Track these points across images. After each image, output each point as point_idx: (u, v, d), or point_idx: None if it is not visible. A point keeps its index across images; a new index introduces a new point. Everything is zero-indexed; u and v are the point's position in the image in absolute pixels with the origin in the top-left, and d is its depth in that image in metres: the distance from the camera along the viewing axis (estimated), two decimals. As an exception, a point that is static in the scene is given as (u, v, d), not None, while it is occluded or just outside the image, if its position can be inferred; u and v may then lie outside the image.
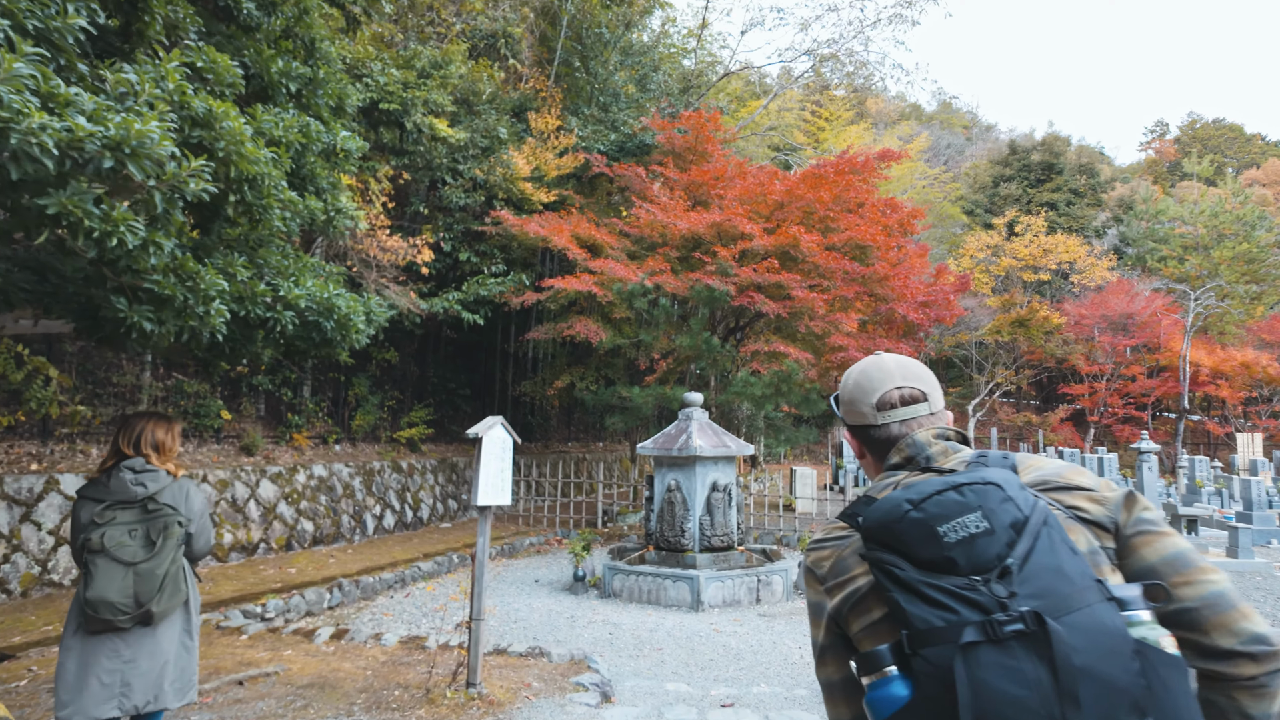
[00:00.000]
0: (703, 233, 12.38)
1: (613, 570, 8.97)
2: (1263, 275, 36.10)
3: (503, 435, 5.38)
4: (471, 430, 5.09)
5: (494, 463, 5.24)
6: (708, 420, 9.68)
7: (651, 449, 9.28)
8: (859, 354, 11.86)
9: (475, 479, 5.07)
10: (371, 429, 13.43)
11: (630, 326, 12.47)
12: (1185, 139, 79.67)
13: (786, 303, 11.51)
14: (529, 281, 12.96)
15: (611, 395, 12.25)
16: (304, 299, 3.74)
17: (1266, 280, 36.31)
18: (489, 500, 5.14)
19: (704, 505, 9.07)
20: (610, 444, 23.34)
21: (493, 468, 5.20)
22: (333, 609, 8.56)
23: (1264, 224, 37.12)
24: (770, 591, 8.75)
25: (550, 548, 13.00)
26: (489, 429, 5.17)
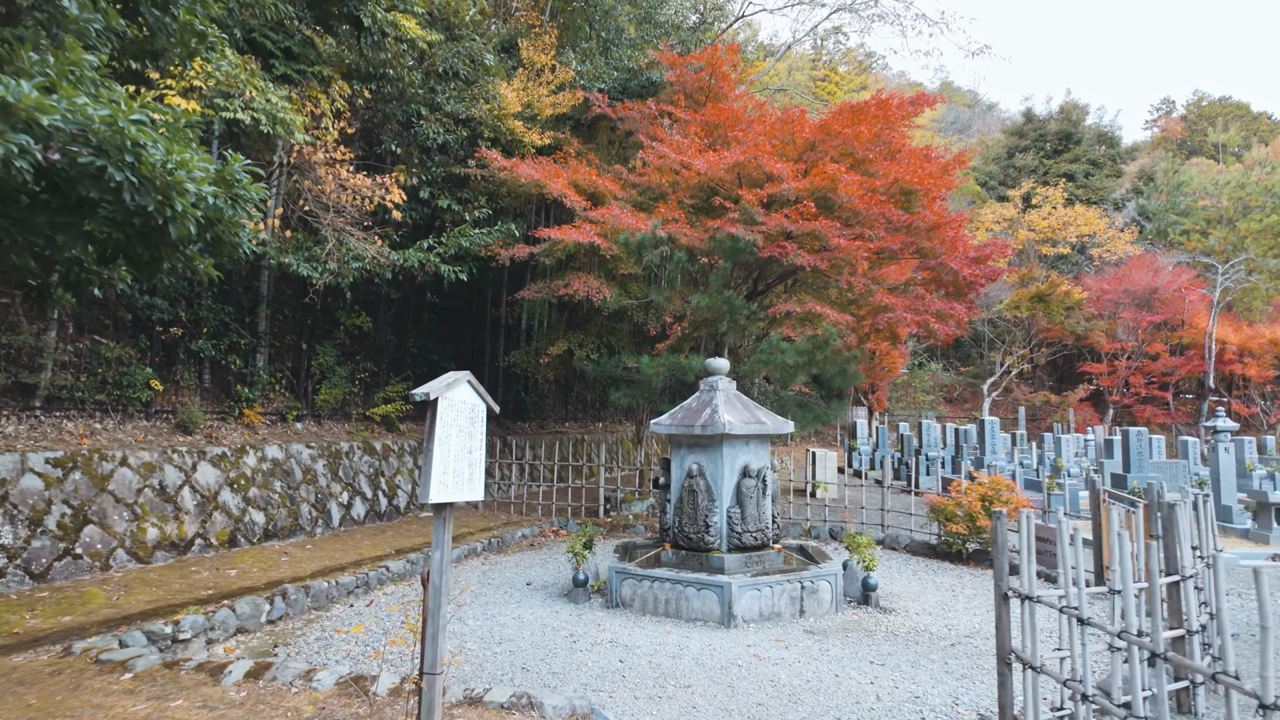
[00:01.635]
0: (722, 177, 10.60)
1: (621, 575, 7.30)
2: (1292, 249, 34.39)
3: (469, 399, 3.65)
4: (421, 390, 3.35)
5: (457, 439, 3.52)
6: (736, 392, 7.97)
7: (668, 426, 7.58)
8: (907, 315, 10.16)
9: (426, 463, 3.35)
10: (340, 405, 11.70)
11: (638, 285, 10.74)
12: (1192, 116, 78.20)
13: (824, 254, 9.77)
14: (520, 233, 11.18)
15: (616, 365, 10.53)
16: (57, 116, 1.97)
17: (1296, 254, 34.59)
18: (448, 495, 3.43)
19: (733, 494, 7.39)
20: (611, 423, 21.66)
21: (454, 446, 3.48)
22: (273, 623, 6.88)
23: (1294, 195, 35.36)
24: (816, 601, 7.09)
25: (545, 540, 11.33)
26: (448, 388, 3.44)
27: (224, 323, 10.10)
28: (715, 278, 9.63)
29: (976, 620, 7.00)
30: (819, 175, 9.90)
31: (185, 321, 9.58)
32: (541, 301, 11.92)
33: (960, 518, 9.39)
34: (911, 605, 7.54)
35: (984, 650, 6.10)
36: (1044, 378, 38.73)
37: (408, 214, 11.30)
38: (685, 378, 10.09)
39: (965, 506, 9.31)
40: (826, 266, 9.76)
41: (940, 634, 6.58)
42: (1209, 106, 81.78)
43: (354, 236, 9.29)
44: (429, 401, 3.32)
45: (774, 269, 10.93)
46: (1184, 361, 32.83)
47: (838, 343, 9.74)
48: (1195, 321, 33.11)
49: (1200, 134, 68.54)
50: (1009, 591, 3.98)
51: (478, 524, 11.63)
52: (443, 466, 3.39)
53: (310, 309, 11.60)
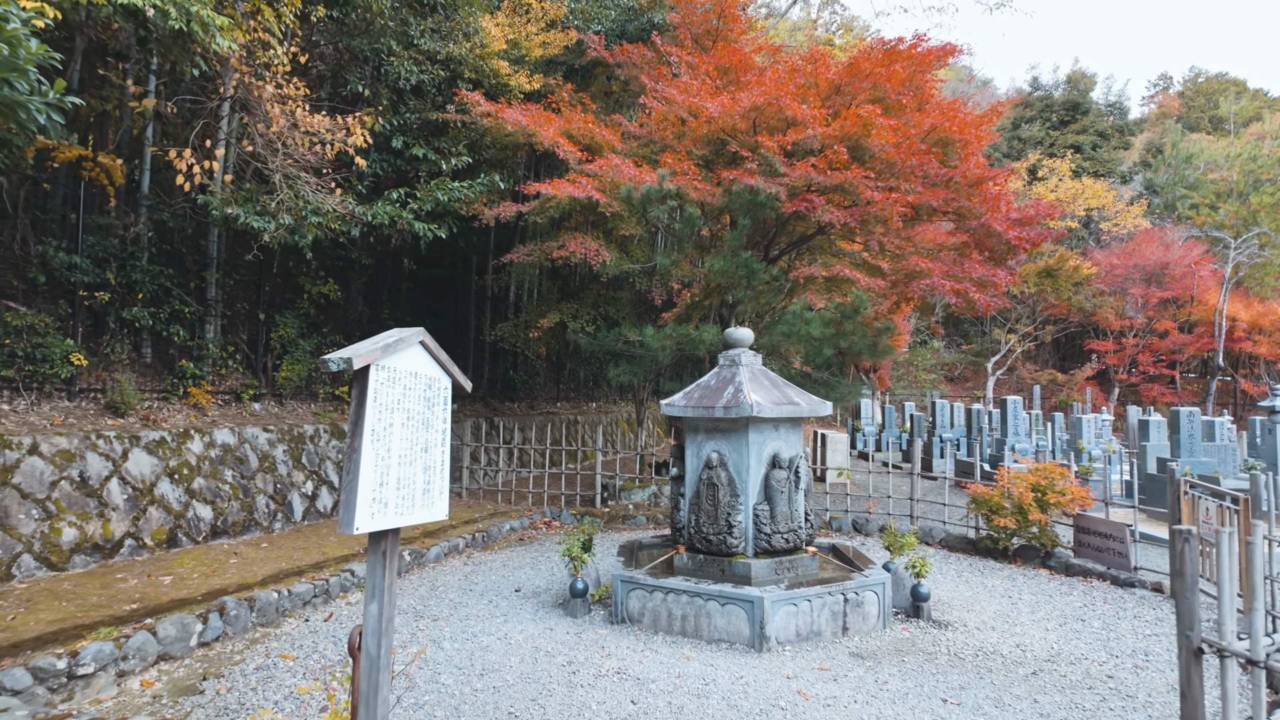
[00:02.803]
0: (736, 124, 9.29)
1: (628, 585, 6.11)
2: (1305, 223, 33.38)
3: (424, 370, 2.42)
4: (340, 355, 2.09)
5: (403, 431, 2.30)
6: (761, 367, 6.76)
7: (682, 408, 6.37)
8: (946, 283, 8.96)
9: (350, 470, 2.10)
10: (304, 383, 10.41)
11: (641, 248, 9.47)
12: (1189, 92, 77.46)
13: (855, 210, 8.52)
14: (506, 189, 9.85)
15: (615, 339, 9.29)
16: None
17: (1309, 228, 33.58)
18: (387, 518, 2.21)
19: (760, 488, 6.20)
20: (605, 404, 20.45)
21: (398, 442, 2.27)
22: (207, 646, 5.66)
23: (1307, 168, 34.32)
24: (861, 616, 5.95)
25: (536, 534, 10.16)
26: (386, 352, 2.19)
27: (164, 287, 8.77)
28: (731, 237, 8.37)
29: (1052, 638, 5.87)
30: (849, 119, 8.61)
31: (116, 285, 8.24)
32: (531, 268, 10.66)
33: (1008, 510, 8.27)
34: (968, 617, 6.42)
35: (1076, 682, 4.97)
36: (1048, 356, 37.82)
37: (377, 165, 9.95)
38: (694, 352, 8.87)
39: (1015, 498, 8.18)
40: (857, 224, 8.52)
41: (1014, 657, 5.45)
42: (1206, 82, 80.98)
43: (311, 185, 7.95)
44: (344, 369, 2.07)
45: (795, 229, 9.68)
46: (1193, 339, 31.96)
47: (868, 311, 8.53)
48: (1205, 298, 32.17)
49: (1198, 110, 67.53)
50: (1203, 645, 2.79)
51: (460, 515, 10.43)
52: (378, 474, 2.17)
53: (269, 274, 10.26)
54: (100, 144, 9.13)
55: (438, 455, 2.49)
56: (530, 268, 10.84)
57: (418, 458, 2.40)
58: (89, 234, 8.18)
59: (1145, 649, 5.62)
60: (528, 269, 11.09)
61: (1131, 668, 5.26)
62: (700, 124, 9.61)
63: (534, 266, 10.64)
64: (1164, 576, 7.40)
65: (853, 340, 8.58)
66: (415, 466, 2.37)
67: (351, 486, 2.11)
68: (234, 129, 8.73)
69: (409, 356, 2.37)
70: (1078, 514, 7.97)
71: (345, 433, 10.45)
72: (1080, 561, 7.91)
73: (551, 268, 11.23)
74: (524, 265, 10.56)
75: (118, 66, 8.15)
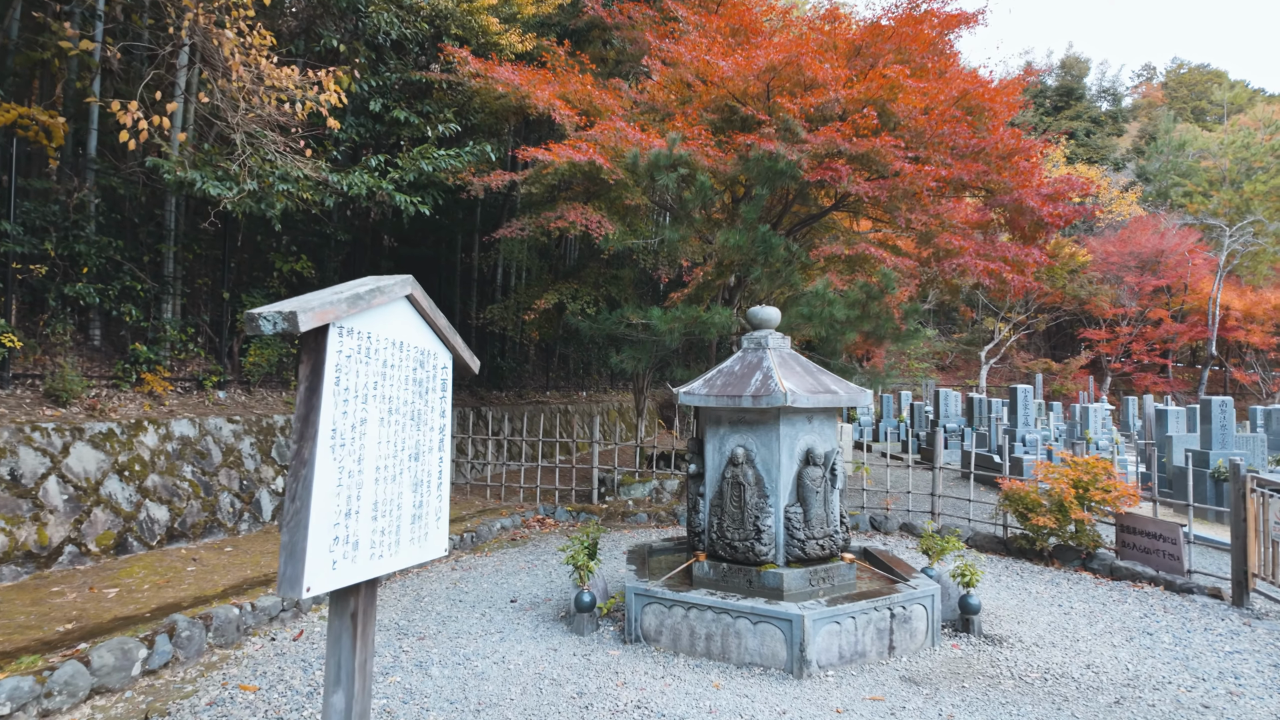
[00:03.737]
0: (750, 86, 8.50)
1: (644, 598, 5.36)
2: (1298, 212, 33.20)
3: (412, 338, 1.60)
4: (277, 309, 1.27)
5: (378, 432, 1.47)
6: (791, 351, 6.00)
7: (703, 397, 5.60)
8: (978, 262, 8.25)
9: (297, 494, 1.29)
10: (274, 370, 9.52)
11: (647, 222, 8.67)
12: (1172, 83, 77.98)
13: (883, 182, 7.77)
14: (497, 157, 8.98)
15: (618, 321, 8.50)
16: None
17: (1301, 217, 33.40)
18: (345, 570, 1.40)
19: (792, 488, 5.47)
20: (596, 392, 19.66)
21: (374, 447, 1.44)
22: (154, 674, 4.84)
23: (1301, 156, 34.14)
24: (909, 633, 5.24)
25: (530, 532, 9.38)
26: (353, 308, 1.37)
27: (113, 261, 7.83)
28: (748, 209, 7.59)
29: (1123, 656, 5.20)
30: (875, 80, 7.84)
31: (56, 258, 7.30)
32: (523, 244, 9.82)
33: (1046, 508, 7.61)
34: (1021, 631, 5.74)
35: (1168, 714, 4.30)
36: (1040, 344, 37.54)
37: (354, 130, 9.05)
38: (706, 335, 8.11)
39: (1055, 494, 7.52)
40: (885, 197, 7.79)
41: (1088, 681, 4.76)
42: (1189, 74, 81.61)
43: (279, 148, 7.05)
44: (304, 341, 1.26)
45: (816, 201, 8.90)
46: (1186, 328, 31.74)
47: (895, 292, 7.80)
48: (1198, 286, 31.94)
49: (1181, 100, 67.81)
50: None
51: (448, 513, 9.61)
52: (342, 499, 1.38)
53: (234, 249, 9.33)
54: (46, 98, 8.14)
55: (434, 464, 1.71)
56: (521, 245, 10.00)
57: (404, 469, 1.62)
58: (24, 199, 7.23)
59: (1233, 670, 4.96)
60: (518, 247, 10.24)
61: (1225, 694, 4.59)
62: (709, 88, 8.81)
63: (525, 245, 9.80)
64: (1221, 581, 6.78)
65: (878, 324, 7.85)
66: (401, 482, 1.59)
67: (299, 522, 1.33)
68: (193, 83, 7.79)
69: (390, 318, 1.59)
70: (1126, 512, 7.33)
71: (320, 424, 9.60)
72: (1126, 564, 7.27)
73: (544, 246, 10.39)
74: (514, 243, 9.72)
75: (55, 7, 7.18)
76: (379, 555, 1.55)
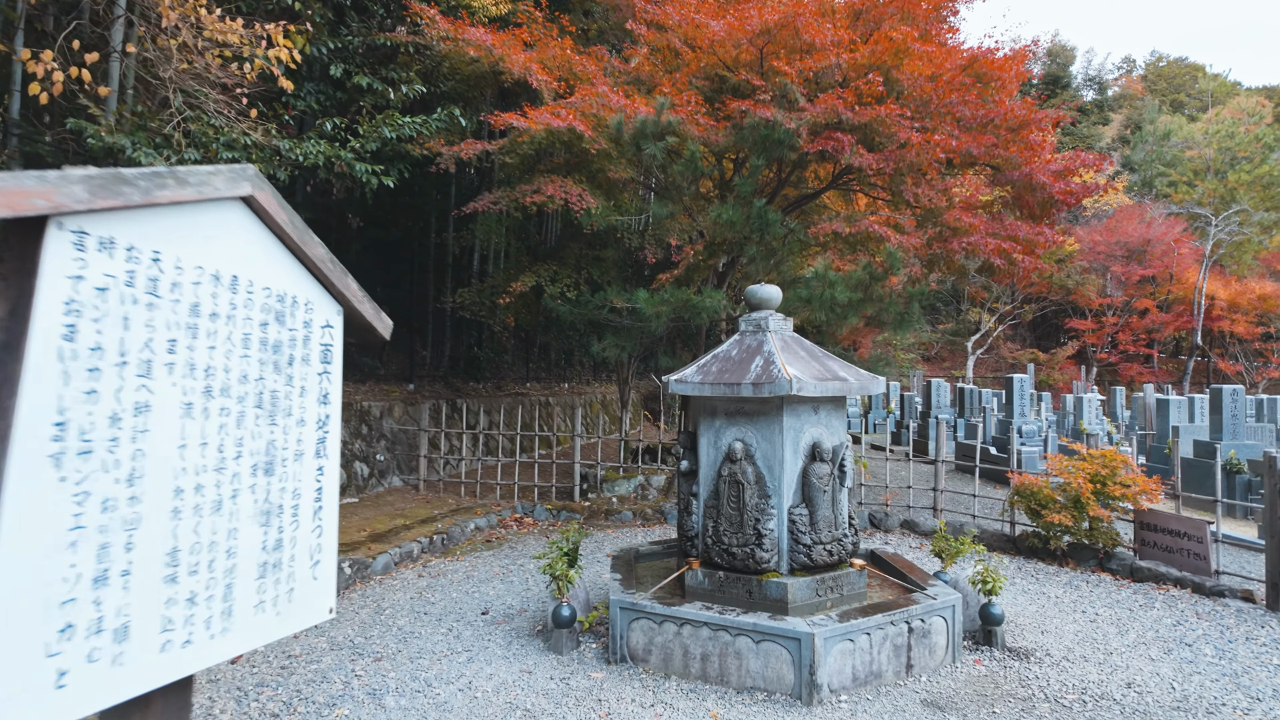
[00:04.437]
0: (742, 52, 7.86)
1: (631, 613, 4.74)
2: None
3: (259, 272, 0.96)
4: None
5: (178, 429, 0.83)
6: (794, 334, 5.40)
7: (696, 385, 4.98)
8: (990, 241, 7.69)
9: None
10: (227, 358, 8.75)
11: (632, 197, 8.01)
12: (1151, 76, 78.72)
13: (888, 153, 7.17)
14: (468, 125, 8.27)
15: (599, 305, 7.85)
16: None
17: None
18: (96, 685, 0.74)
19: (796, 486, 4.87)
20: (578, 384, 19.00)
21: (169, 450, 0.79)
22: None
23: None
24: (928, 649, 4.66)
25: (506, 533, 8.73)
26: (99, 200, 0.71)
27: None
28: (742, 181, 6.96)
29: (1164, 672, 4.66)
30: (880, 43, 7.23)
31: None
32: (500, 224, 9.13)
33: (1062, 505, 7.09)
34: (1047, 642, 5.19)
35: (1234, 745, 3.76)
36: (1026, 335, 37.40)
37: (313, 98, 8.30)
38: (694, 321, 7.49)
39: (1071, 490, 7.00)
40: (891, 170, 7.19)
41: (1132, 705, 4.22)
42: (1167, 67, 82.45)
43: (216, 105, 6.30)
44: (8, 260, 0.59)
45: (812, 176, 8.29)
46: (1172, 318, 31.70)
47: (901, 274, 7.22)
48: (1184, 276, 31.87)
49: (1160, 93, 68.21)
50: None
51: (417, 512, 8.95)
52: (80, 554, 0.70)
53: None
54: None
55: (305, 480, 1.07)
56: (498, 225, 9.32)
57: (242, 491, 0.97)
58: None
59: None
60: (494, 227, 9.56)
61: (1289, 719, 4.06)
62: (699, 55, 8.15)
63: (502, 224, 9.12)
64: (1253, 583, 6.29)
65: (881, 307, 7.27)
66: (235, 513, 0.95)
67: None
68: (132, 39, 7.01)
69: (208, 232, 0.96)
70: (1149, 509, 6.82)
71: (278, 417, 8.86)
72: (1147, 564, 6.77)
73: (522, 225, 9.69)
74: (490, 222, 9.03)
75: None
76: (186, 642, 0.92)
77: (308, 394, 1.11)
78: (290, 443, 1.05)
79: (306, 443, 1.06)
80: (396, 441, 10.68)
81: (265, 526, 0.96)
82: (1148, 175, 37.04)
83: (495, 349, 14.64)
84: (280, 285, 1.07)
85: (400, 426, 10.75)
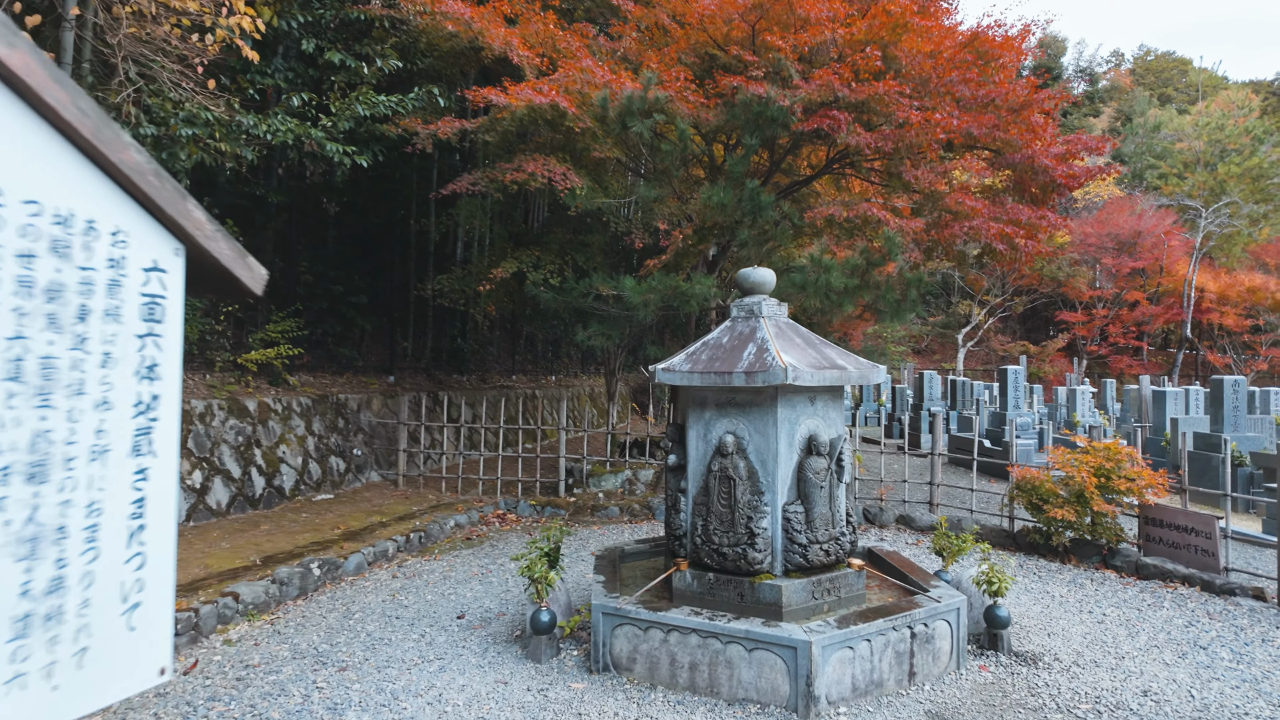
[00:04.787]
0: (733, 29, 7.51)
1: (614, 618, 4.42)
2: (1271, 194, 33.20)
3: None
4: None
5: None
6: (789, 320, 5.08)
7: (685, 374, 4.66)
8: (992, 225, 7.40)
9: None
10: (194, 349, 8.38)
11: (619, 179, 7.66)
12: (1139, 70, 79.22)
13: (887, 133, 6.86)
14: (447, 103, 7.88)
15: (585, 293, 7.51)
16: None
17: (1274, 199, 33.41)
18: None
19: (792, 482, 4.56)
20: (566, 376, 18.65)
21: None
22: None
23: (1272, 138, 34.16)
24: (931, 655, 4.37)
25: (488, 531, 8.40)
26: None
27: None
28: (734, 161, 6.62)
29: (1181, 678, 4.39)
30: (878, 18, 6.90)
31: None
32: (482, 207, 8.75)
33: (1064, 499, 6.83)
34: (1055, 645, 4.92)
35: (1264, 760, 3.48)
36: (1016, 327, 37.32)
37: (282, 75, 7.89)
38: (683, 309, 7.16)
39: (1074, 484, 6.73)
40: (890, 150, 6.87)
41: (1148, 714, 3.94)
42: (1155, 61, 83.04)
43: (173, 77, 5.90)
44: None
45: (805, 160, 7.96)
46: (1162, 310, 31.65)
47: (900, 260, 6.92)
48: (1174, 269, 31.82)
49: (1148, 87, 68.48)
50: None
51: (395, 509, 8.60)
52: None
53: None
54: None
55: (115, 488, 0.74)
56: (480, 209, 8.94)
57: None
58: None
59: None
60: (476, 211, 9.18)
61: (1318, 730, 3.80)
62: (687, 32, 7.80)
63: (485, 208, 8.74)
64: (1262, 580, 6.05)
65: (878, 294, 6.96)
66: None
67: None
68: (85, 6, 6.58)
69: None
70: (1156, 504, 6.56)
71: (247, 411, 8.47)
72: (1153, 561, 6.51)
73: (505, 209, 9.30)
74: (472, 207, 8.65)
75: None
76: None
77: (117, 365, 0.80)
78: (82, 435, 0.74)
79: (115, 435, 0.75)
80: (375, 435, 10.31)
81: (29, 560, 0.65)
82: (1138, 167, 36.99)
83: (479, 340, 14.26)
84: (59, 201, 0.74)
85: (379, 420, 10.37)
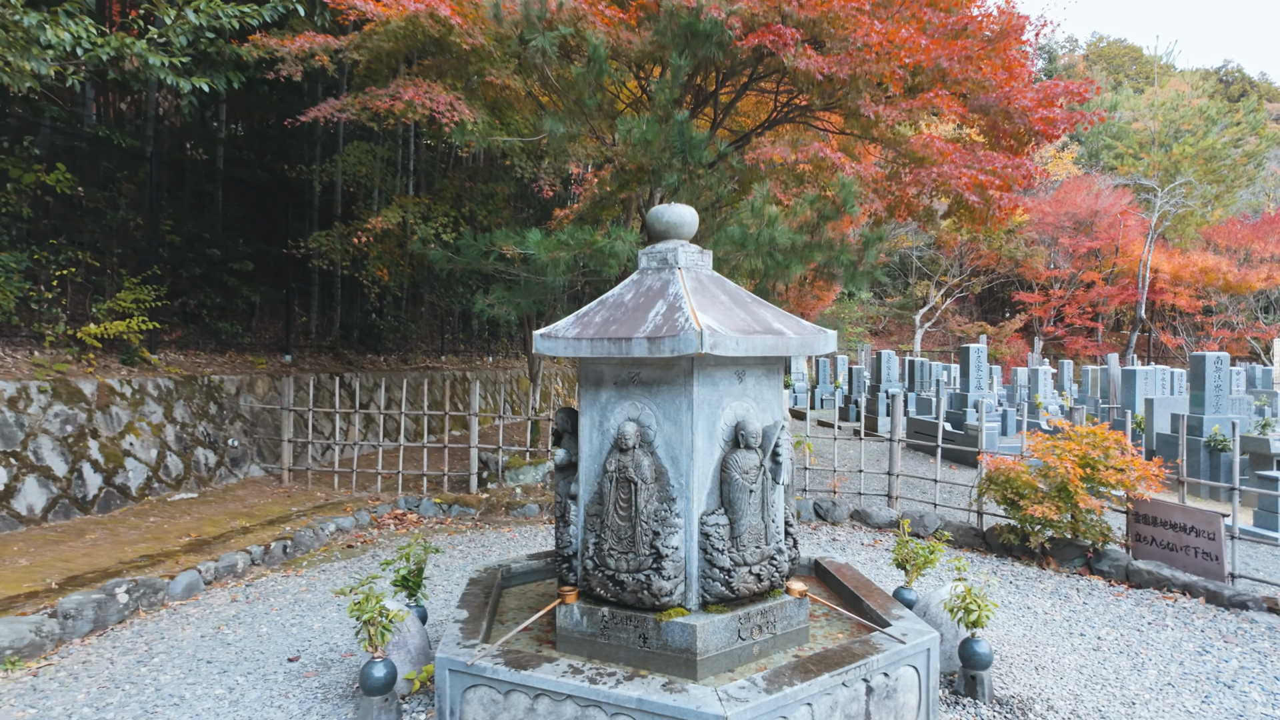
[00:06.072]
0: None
1: (465, 678, 3.22)
2: (1222, 175, 33.28)
3: None
4: None
5: None
6: (712, 272, 3.91)
7: (571, 341, 3.46)
8: (964, 172, 6.33)
9: None
10: (7, 317, 6.88)
11: (522, 111, 6.37)
12: (1092, 55, 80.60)
13: (842, 56, 5.70)
14: (320, 21, 6.47)
15: (484, 252, 6.25)
16: None
17: (1225, 180, 33.50)
18: None
19: (712, 486, 3.41)
20: (505, 359, 17.30)
21: None
22: None
23: (1225, 120, 34.27)
24: (894, 713, 3.29)
25: (378, 534, 7.12)
26: None
27: None
28: (661, 87, 5.40)
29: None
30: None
31: None
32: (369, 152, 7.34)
33: (1044, 494, 5.84)
34: (1049, 688, 3.89)
35: None
36: (973, 308, 37.05)
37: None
38: (603, 270, 5.95)
39: (1056, 475, 5.74)
40: (847, 76, 5.73)
41: (1182, 796, 2.90)
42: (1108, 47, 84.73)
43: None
44: None
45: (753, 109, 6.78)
46: (1117, 290, 31.57)
47: (855, 211, 5.80)
48: (1130, 249, 31.74)
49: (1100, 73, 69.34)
50: None
51: (269, 510, 7.26)
52: None
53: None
54: None
55: None
56: (368, 156, 7.56)
57: None
58: None
59: None
60: (365, 157, 7.80)
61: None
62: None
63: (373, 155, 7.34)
64: (1269, 587, 5.14)
65: (832, 255, 5.84)
66: None
67: None
68: None
69: None
70: (1150, 500, 5.61)
71: (81, 394, 7.02)
72: (1145, 565, 5.57)
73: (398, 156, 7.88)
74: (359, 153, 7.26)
75: None
76: None
77: None
78: None
79: None
80: (259, 423, 8.90)
81: None
82: (1094, 147, 36.87)
83: (400, 318, 12.83)
84: None
85: (264, 405, 8.96)
